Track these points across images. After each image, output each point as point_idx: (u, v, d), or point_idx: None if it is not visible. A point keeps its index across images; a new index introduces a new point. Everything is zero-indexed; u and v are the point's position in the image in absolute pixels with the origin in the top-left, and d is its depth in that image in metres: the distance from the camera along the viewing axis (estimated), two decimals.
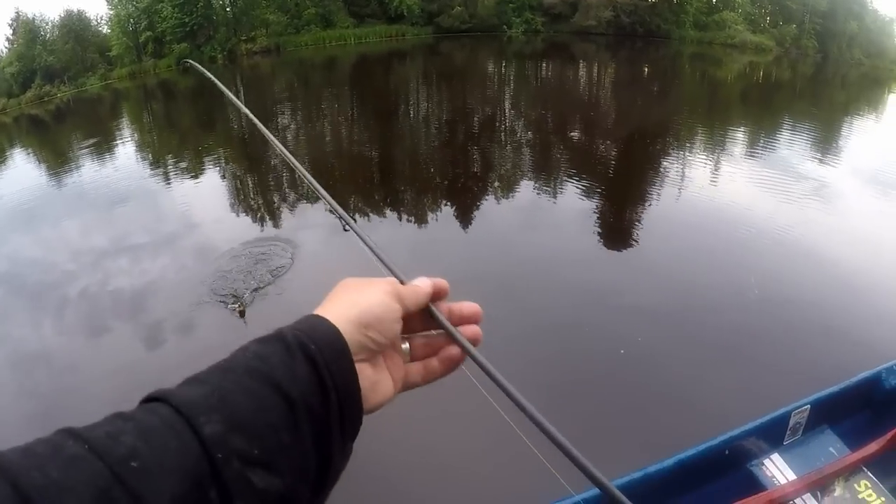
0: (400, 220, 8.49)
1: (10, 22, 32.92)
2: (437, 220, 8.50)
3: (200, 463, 0.38)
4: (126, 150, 15.18)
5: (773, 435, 2.94)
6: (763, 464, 2.91)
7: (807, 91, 24.58)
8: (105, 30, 34.56)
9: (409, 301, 0.56)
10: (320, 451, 0.46)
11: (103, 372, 5.07)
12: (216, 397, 0.41)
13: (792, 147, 12.48)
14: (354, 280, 0.57)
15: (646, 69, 28.63)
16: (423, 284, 0.59)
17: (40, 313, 6.44)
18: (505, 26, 37.45)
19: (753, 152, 12.07)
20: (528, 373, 4.37)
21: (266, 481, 0.41)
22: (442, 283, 0.60)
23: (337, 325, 0.50)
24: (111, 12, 34.12)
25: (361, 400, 0.50)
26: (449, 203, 9.06)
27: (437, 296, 0.59)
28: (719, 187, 9.42)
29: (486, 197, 9.24)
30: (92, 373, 5.14)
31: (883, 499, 2.59)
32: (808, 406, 2.93)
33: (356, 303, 0.53)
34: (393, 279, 0.59)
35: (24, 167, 15.22)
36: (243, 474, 0.39)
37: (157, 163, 13.21)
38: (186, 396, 0.41)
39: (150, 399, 0.42)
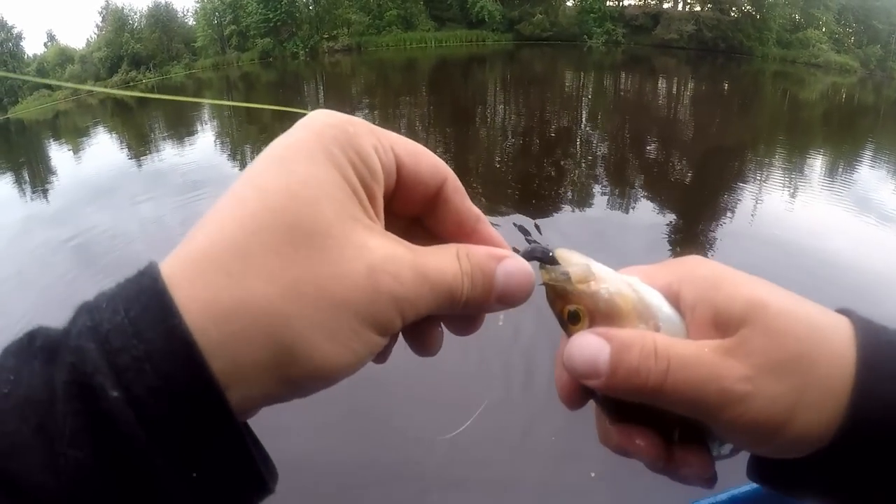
0: None
1: (101, 10, 34.49)
2: (509, 226, 7.66)
3: None
4: (206, 137, 15.15)
5: None
6: None
7: (891, 116, 22.47)
8: (191, 22, 35.66)
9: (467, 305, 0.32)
10: None
11: None
12: None
13: (875, 177, 11.30)
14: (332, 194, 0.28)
15: (726, 86, 27.31)
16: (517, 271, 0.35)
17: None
18: (585, 36, 36.41)
19: (832, 180, 11.02)
20: None
21: None
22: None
23: (209, 354, 0.24)
24: (197, 5, 35.18)
25: None
26: (521, 211, 8.59)
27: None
28: (794, 214, 8.74)
29: (560, 206, 8.82)
30: None
31: None
32: None
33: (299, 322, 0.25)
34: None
35: (108, 146, 15.31)
36: None
37: (235, 150, 12.93)
38: None
39: None
